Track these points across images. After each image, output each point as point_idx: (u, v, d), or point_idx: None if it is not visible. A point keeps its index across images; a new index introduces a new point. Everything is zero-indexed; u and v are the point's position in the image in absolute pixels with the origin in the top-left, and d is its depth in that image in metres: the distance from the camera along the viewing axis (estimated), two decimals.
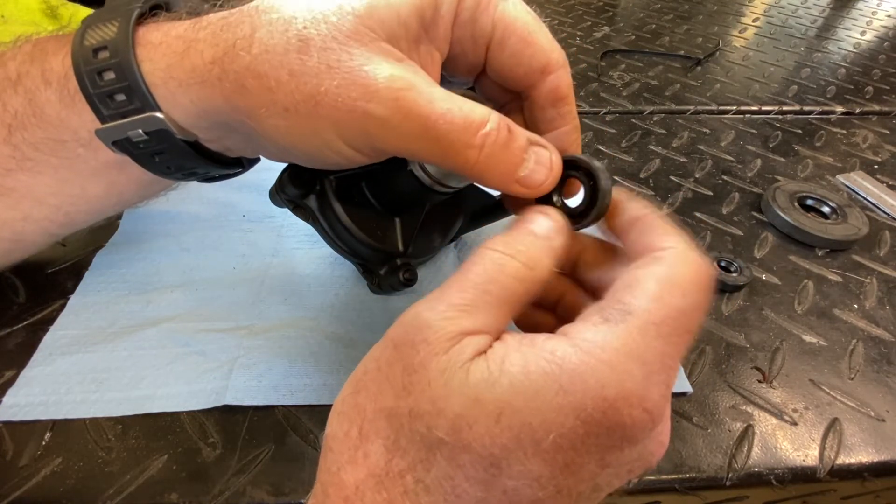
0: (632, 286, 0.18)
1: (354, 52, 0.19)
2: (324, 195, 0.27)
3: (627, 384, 0.16)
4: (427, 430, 0.16)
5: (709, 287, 0.19)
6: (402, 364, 0.18)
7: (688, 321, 0.18)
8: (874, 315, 0.37)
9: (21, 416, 0.28)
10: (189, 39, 0.22)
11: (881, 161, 0.55)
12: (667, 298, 0.18)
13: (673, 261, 0.19)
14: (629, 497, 0.28)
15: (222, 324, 0.33)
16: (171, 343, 0.31)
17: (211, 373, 0.30)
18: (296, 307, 0.34)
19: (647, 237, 0.20)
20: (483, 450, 0.16)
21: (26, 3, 0.72)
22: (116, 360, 0.30)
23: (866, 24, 0.92)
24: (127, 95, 0.22)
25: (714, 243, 0.43)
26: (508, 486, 0.16)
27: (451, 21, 0.22)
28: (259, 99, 0.20)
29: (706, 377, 0.32)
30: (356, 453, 0.17)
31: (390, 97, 0.19)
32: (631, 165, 0.52)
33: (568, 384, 0.16)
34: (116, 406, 0.28)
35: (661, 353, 0.17)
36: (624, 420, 0.16)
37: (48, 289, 0.35)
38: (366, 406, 0.18)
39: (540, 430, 0.16)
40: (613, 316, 0.18)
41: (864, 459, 0.29)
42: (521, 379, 0.16)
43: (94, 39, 0.22)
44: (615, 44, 0.79)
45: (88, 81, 0.22)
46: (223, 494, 0.25)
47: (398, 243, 0.29)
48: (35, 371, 0.30)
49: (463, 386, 0.16)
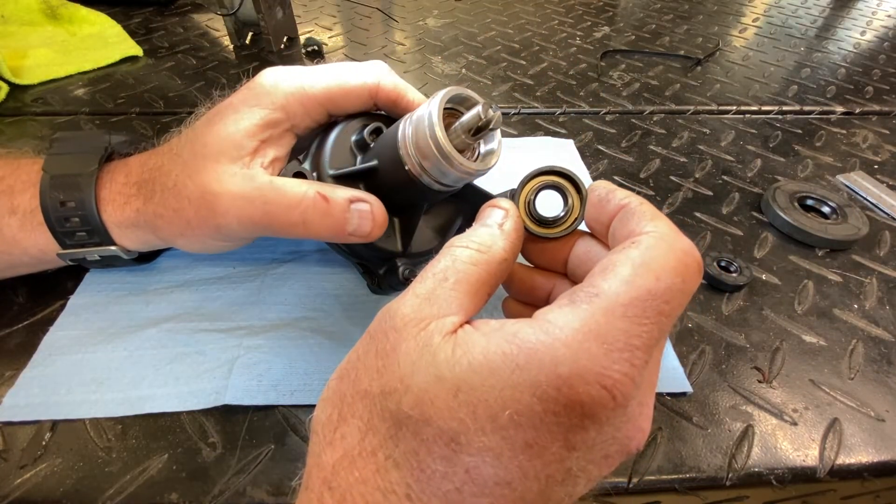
0: (606, 270, 0.19)
1: (206, 184, 0.27)
2: None
3: (583, 361, 0.16)
4: (396, 406, 0.17)
5: (691, 270, 0.19)
6: (375, 350, 0.19)
7: (661, 304, 0.18)
8: (874, 315, 0.37)
9: (21, 416, 0.28)
10: (126, 195, 0.30)
11: (881, 161, 0.55)
12: (638, 281, 0.18)
13: (649, 244, 0.19)
14: (629, 497, 0.28)
15: (222, 324, 0.33)
16: (171, 343, 0.32)
17: (210, 373, 0.30)
18: (296, 307, 0.34)
19: (628, 224, 0.21)
20: (443, 423, 0.16)
21: (26, 3, 0.72)
22: (116, 361, 0.30)
23: (866, 24, 0.92)
24: (88, 234, 0.30)
25: (714, 243, 0.43)
26: (470, 464, 0.16)
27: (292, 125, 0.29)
28: (165, 231, 0.29)
29: (706, 377, 0.32)
30: (335, 435, 0.18)
31: (233, 212, 0.27)
32: (631, 165, 0.52)
33: (524, 363, 0.16)
34: (116, 406, 0.28)
35: (626, 333, 0.17)
36: (581, 397, 0.16)
37: (48, 289, 0.35)
38: (345, 391, 0.19)
39: (496, 406, 0.16)
40: (580, 298, 0.18)
41: (864, 459, 0.29)
42: (479, 359, 0.17)
43: (62, 195, 0.29)
44: (615, 44, 0.79)
45: (56, 223, 0.30)
46: (223, 494, 0.25)
47: (397, 243, 0.29)
48: (35, 371, 0.30)
49: (429, 365, 0.17)
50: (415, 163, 0.24)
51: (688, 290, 0.18)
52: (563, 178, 0.24)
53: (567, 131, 0.56)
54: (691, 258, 0.19)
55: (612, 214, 0.22)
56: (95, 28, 0.71)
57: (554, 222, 0.24)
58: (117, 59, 0.65)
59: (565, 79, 0.68)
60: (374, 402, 0.18)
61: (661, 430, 0.29)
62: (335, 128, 0.29)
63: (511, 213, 0.23)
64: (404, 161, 0.25)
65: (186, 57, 0.68)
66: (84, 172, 0.30)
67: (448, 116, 0.24)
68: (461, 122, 0.24)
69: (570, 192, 0.24)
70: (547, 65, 0.71)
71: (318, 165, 0.28)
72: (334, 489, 0.17)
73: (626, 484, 0.27)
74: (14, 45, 0.66)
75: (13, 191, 0.30)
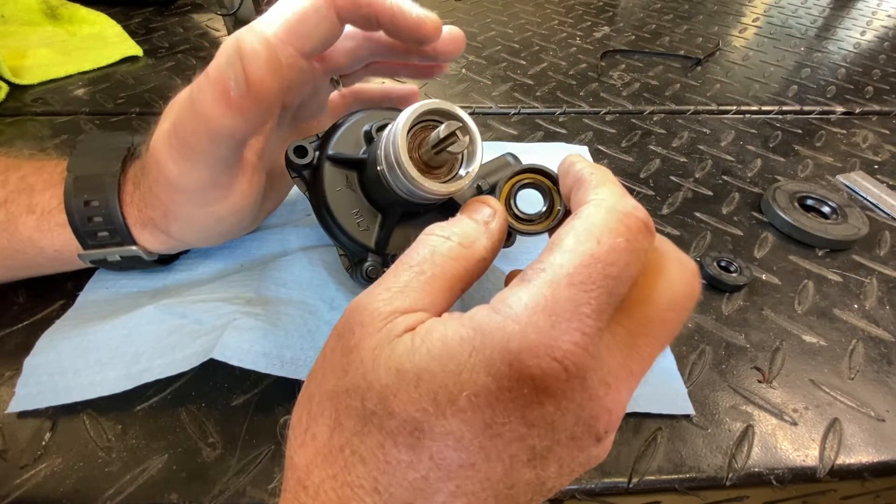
0: (552, 245, 0.18)
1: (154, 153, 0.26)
2: (318, 171, 0.28)
3: (531, 335, 0.16)
4: (361, 403, 0.17)
5: (634, 229, 0.18)
6: (340, 348, 0.19)
7: (606, 266, 0.17)
8: (874, 315, 0.37)
9: (36, 403, 0.28)
10: (137, 195, 0.29)
11: (881, 161, 0.55)
12: (580, 248, 0.18)
13: (590, 212, 0.19)
14: (629, 497, 0.28)
15: (220, 294, 0.33)
16: (169, 316, 0.31)
17: (204, 336, 0.30)
18: (296, 291, 0.34)
19: (579, 194, 0.21)
20: (406, 414, 0.16)
21: (26, 3, 0.72)
22: (116, 340, 0.30)
23: (866, 24, 0.92)
24: (110, 234, 0.30)
25: (714, 243, 0.43)
26: (434, 450, 0.16)
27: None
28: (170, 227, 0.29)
29: (706, 377, 0.32)
30: (306, 436, 0.18)
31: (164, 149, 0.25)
32: (631, 165, 0.52)
33: (479, 344, 0.17)
34: (120, 382, 0.28)
35: (573, 302, 0.17)
36: (532, 371, 0.16)
37: (48, 289, 0.35)
38: (314, 392, 0.19)
39: (454, 390, 0.16)
40: (529, 275, 0.18)
41: (864, 459, 0.29)
42: (438, 346, 0.17)
43: (87, 194, 0.29)
44: (615, 44, 0.79)
45: (79, 223, 0.29)
46: (223, 494, 0.25)
47: (372, 238, 0.29)
48: (39, 358, 0.30)
49: (388, 359, 0.17)
50: (385, 168, 0.24)
51: (634, 248, 0.18)
52: (543, 175, 0.25)
53: (567, 131, 0.56)
54: (633, 218, 0.19)
55: (570, 187, 0.22)
56: (95, 28, 0.71)
57: (537, 219, 0.25)
58: (117, 59, 0.65)
59: (565, 79, 0.68)
60: (340, 401, 0.18)
61: (661, 430, 0.29)
62: (358, 114, 0.29)
63: (499, 213, 0.22)
64: (378, 161, 0.25)
65: (186, 57, 0.68)
66: (108, 172, 0.30)
67: (428, 129, 0.24)
68: (430, 137, 0.23)
69: (551, 189, 0.25)
70: (547, 65, 0.71)
71: (324, 144, 0.28)
72: (308, 488, 0.17)
73: (625, 484, 0.27)
74: (14, 45, 0.66)
75: (33, 189, 0.30)
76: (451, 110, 0.24)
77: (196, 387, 0.30)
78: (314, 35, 0.27)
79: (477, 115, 0.59)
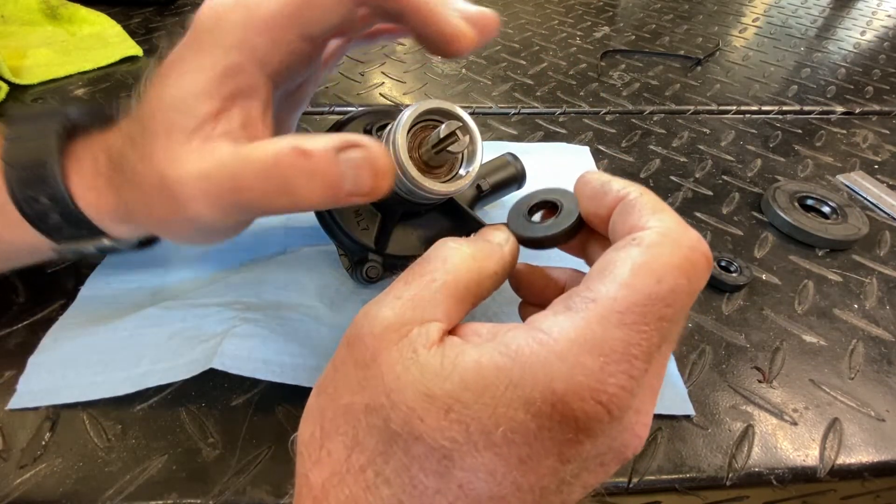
0: (603, 271, 0.17)
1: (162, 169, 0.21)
2: None
3: (578, 377, 0.16)
4: (383, 423, 0.16)
5: (699, 268, 0.17)
6: (353, 360, 0.18)
7: (663, 308, 0.16)
8: (874, 315, 0.37)
9: (37, 402, 0.28)
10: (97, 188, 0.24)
11: (881, 161, 0.55)
12: (638, 284, 0.16)
13: (651, 241, 0.17)
14: (629, 497, 0.28)
15: (220, 298, 0.33)
16: (170, 319, 0.31)
17: (205, 343, 0.30)
18: (296, 293, 0.34)
19: (629, 218, 0.19)
20: (434, 442, 0.16)
21: (26, 3, 0.72)
22: (118, 341, 0.30)
23: (866, 24, 0.92)
24: (75, 228, 0.25)
25: (714, 243, 0.43)
26: (463, 480, 0.16)
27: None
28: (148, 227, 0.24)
29: (706, 377, 0.32)
30: (320, 453, 0.17)
31: (200, 199, 0.20)
32: (631, 165, 0.52)
33: (518, 378, 0.16)
34: (120, 385, 0.28)
35: (623, 343, 0.16)
36: (575, 414, 0.16)
37: (48, 289, 0.35)
38: (325, 406, 0.18)
39: (489, 423, 0.16)
40: (576, 304, 0.17)
41: (864, 459, 0.29)
42: (472, 374, 0.16)
43: (29, 190, 0.24)
44: (615, 44, 0.79)
45: (37, 221, 0.24)
46: (223, 494, 0.25)
47: (371, 238, 0.29)
48: (43, 357, 0.30)
49: (416, 381, 0.16)
50: None
51: (694, 290, 0.17)
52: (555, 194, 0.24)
53: (567, 131, 0.56)
54: (699, 254, 0.17)
55: (610, 207, 0.20)
56: (95, 28, 0.71)
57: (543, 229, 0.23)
58: (117, 59, 0.65)
59: (565, 79, 0.68)
60: (359, 418, 0.17)
61: (661, 430, 0.29)
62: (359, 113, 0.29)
63: (512, 239, 0.22)
64: None
65: None
66: (46, 161, 0.24)
67: (428, 129, 0.24)
68: (430, 137, 0.23)
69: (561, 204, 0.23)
70: (547, 65, 0.71)
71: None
72: None
73: (626, 484, 0.27)
74: (14, 44, 0.66)
75: None
76: (451, 110, 0.24)
77: (196, 387, 0.30)
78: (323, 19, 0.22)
79: (477, 115, 0.59)
